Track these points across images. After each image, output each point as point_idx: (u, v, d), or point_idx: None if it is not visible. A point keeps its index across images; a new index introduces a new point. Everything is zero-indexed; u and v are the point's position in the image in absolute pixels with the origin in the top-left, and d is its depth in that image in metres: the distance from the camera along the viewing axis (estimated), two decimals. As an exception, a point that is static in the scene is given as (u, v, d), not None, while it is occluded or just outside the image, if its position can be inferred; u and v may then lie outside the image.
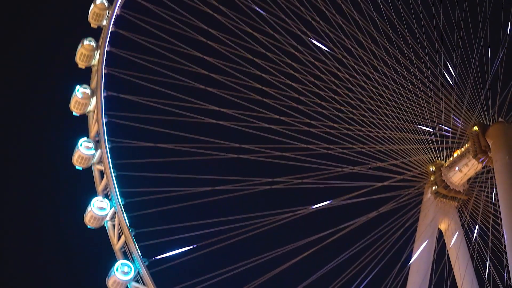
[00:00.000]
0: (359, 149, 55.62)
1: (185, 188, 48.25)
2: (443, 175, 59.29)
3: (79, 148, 49.47)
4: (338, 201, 52.12)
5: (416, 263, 56.90)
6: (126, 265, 46.01)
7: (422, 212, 58.78)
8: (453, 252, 59.28)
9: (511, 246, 50.32)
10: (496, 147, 56.11)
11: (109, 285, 46.48)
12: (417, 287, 56.47)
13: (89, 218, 48.01)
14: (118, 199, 47.91)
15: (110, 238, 47.82)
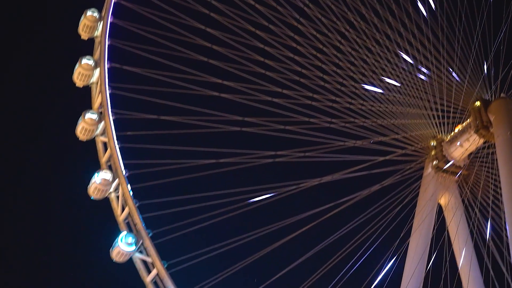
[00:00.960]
0: (361, 123, 57.09)
1: (189, 161, 49.83)
2: (444, 150, 60.70)
3: (82, 120, 50.88)
4: (340, 174, 53.84)
5: (415, 239, 58.25)
6: (130, 236, 47.64)
7: (422, 186, 60.25)
8: (453, 228, 60.47)
9: (511, 217, 51.64)
10: (498, 122, 57.26)
11: (113, 256, 48.08)
12: (416, 263, 57.62)
13: (93, 189, 49.36)
14: (122, 171, 49.42)
15: (114, 209, 49.27)
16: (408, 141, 59.54)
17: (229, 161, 50.20)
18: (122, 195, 48.92)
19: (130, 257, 47.96)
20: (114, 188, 49.49)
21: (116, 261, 48.09)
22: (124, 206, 48.90)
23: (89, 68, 51.94)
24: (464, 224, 61.00)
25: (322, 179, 52.81)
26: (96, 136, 51.06)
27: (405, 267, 57.98)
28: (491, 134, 58.42)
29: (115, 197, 49.48)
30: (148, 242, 47.73)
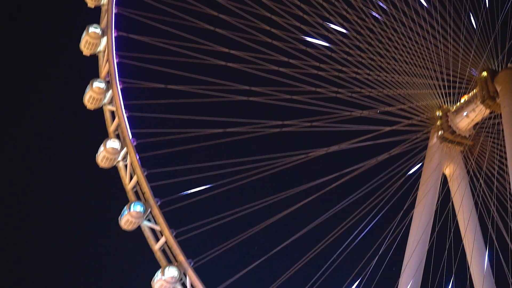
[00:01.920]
0: (367, 93, 58.54)
1: (197, 130, 51.31)
2: (450, 120, 62.29)
3: (90, 89, 52.16)
4: (347, 144, 55.54)
5: (420, 210, 60.12)
6: (139, 205, 49.30)
7: (427, 157, 61.95)
8: (457, 199, 62.28)
9: None
10: (505, 93, 58.67)
11: (121, 224, 49.84)
12: (420, 234, 59.37)
13: (102, 158, 50.90)
14: (130, 140, 50.85)
15: (122, 178, 50.79)
16: (414, 112, 61.03)
17: (236, 130, 51.88)
18: (130, 164, 50.46)
19: (139, 225, 49.91)
20: (122, 157, 51.02)
21: (125, 229, 49.84)
22: (132, 175, 50.44)
23: (96, 36, 53.08)
24: (469, 195, 62.74)
25: (329, 148, 54.60)
26: (104, 105, 52.42)
27: (409, 239, 59.71)
28: (497, 104, 59.89)
29: (123, 166, 51.01)
30: (157, 210, 49.37)
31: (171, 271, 48.44)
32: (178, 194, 49.74)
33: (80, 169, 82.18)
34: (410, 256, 58.89)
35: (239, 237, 50.09)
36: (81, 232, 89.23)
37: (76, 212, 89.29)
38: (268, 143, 55.24)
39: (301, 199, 52.50)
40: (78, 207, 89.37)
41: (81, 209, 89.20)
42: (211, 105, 53.19)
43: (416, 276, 58.14)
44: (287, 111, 55.03)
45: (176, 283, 48.73)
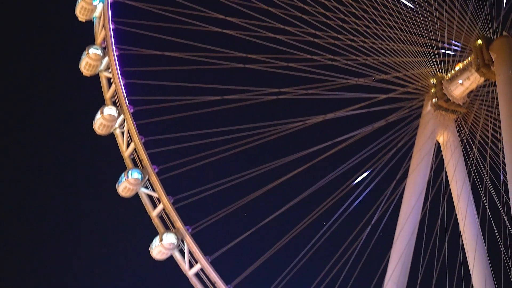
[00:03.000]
0: (363, 60, 60.20)
1: (194, 97, 53.05)
2: (444, 88, 64.05)
3: (86, 55, 53.70)
4: (343, 112, 57.59)
5: (413, 178, 62.41)
6: (136, 172, 51.33)
7: (421, 125, 63.95)
8: (451, 167, 64.55)
9: (511, 156, 55.01)
10: (500, 61, 60.29)
11: (119, 191, 51.97)
12: (414, 202, 61.82)
13: (99, 125, 52.70)
14: (127, 107, 52.68)
15: (119, 145, 52.67)
16: (409, 80, 62.75)
17: (233, 98, 53.64)
18: (128, 131, 52.34)
19: (136, 192, 51.98)
20: (119, 124, 52.85)
21: (122, 196, 52.01)
22: (129, 142, 52.32)
23: (91, 1, 54.59)
24: (462, 163, 64.92)
25: (326, 116, 56.60)
26: (100, 72, 54.13)
27: (402, 207, 62.09)
28: (492, 72, 61.50)
29: (120, 133, 52.85)
30: (154, 177, 51.48)
31: (169, 238, 50.68)
32: (175, 161, 51.56)
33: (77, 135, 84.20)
34: (403, 224, 61.02)
35: (236, 204, 52.19)
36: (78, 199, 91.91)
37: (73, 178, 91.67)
38: (264, 110, 57.30)
39: (297, 166, 54.53)
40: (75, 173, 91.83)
41: (77, 175, 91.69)
42: (207, 73, 54.91)
43: (408, 244, 60.39)
44: (284, 79, 56.82)
45: (174, 249, 51.07)
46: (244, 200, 52.35)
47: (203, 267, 50.64)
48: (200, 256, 50.66)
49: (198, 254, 50.70)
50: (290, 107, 59.97)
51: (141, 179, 51.42)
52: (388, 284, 58.36)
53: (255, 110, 56.27)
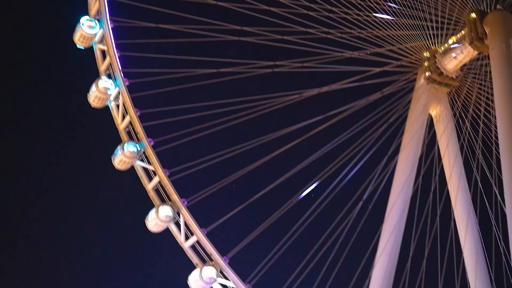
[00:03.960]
0: (357, 34, 62.03)
1: (189, 70, 54.67)
2: (437, 62, 66.06)
3: (81, 27, 55.12)
4: (338, 85, 59.72)
5: (406, 153, 64.41)
6: (132, 145, 53.22)
7: (414, 98, 65.84)
8: (443, 142, 66.66)
9: (503, 131, 57.04)
10: (494, 34, 62.04)
11: (115, 164, 53.85)
12: (406, 177, 63.81)
13: (94, 98, 54.37)
14: (122, 79, 54.27)
15: (114, 118, 54.40)
16: (403, 53, 64.72)
17: (229, 70, 55.46)
18: (123, 104, 54.09)
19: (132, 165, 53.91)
20: (114, 97, 54.66)
21: (118, 169, 53.90)
22: (124, 115, 54.09)
23: None
24: (455, 137, 66.99)
25: (321, 89, 58.73)
26: (95, 44, 55.57)
27: (394, 182, 64.14)
28: (486, 46, 63.27)
29: (115, 106, 54.68)
30: (150, 150, 53.44)
31: (165, 210, 52.86)
32: (171, 134, 53.35)
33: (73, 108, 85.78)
34: (395, 199, 63.21)
35: (231, 177, 54.22)
36: (71, 173, 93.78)
37: (67, 152, 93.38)
38: (260, 84, 59.10)
39: (293, 139, 56.57)
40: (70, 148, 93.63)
41: (73, 149, 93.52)
42: (203, 45, 56.41)
43: (400, 220, 62.60)
44: (279, 52, 58.57)
45: (170, 222, 53.27)
46: (240, 173, 54.37)
47: (199, 239, 52.74)
48: (196, 229, 52.75)
49: (194, 227, 52.80)
50: (285, 80, 61.88)
51: (137, 152, 53.38)
52: (380, 257, 60.64)
53: (251, 83, 58.14)
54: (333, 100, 61.88)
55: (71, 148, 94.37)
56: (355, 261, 57.98)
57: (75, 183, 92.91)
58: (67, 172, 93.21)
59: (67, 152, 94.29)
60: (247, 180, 56.15)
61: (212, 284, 52.45)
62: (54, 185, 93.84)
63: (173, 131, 53.64)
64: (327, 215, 58.15)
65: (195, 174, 53.47)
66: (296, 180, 57.87)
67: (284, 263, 54.86)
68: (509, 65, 60.00)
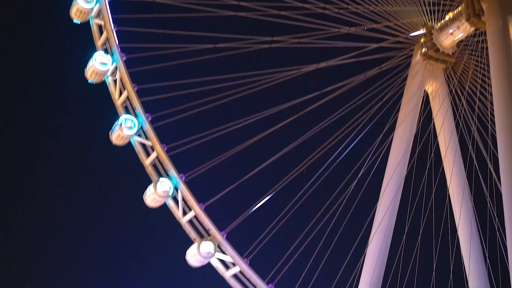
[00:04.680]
0: (354, 9, 63.07)
1: (187, 45, 55.97)
2: (434, 38, 67.51)
3: (77, 1, 56.05)
4: (335, 61, 61.13)
5: (401, 131, 66.05)
6: (130, 120, 54.57)
7: (410, 75, 67.50)
8: (439, 119, 68.12)
9: (500, 108, 58.34)
10: (491, 11, 63.00)
11: (112, 139, 55.23)
12: (402, 153, 65.45)
13: (91, 72, 55.54)
14: (119, 54, 55.45)
15: (111, 93, 55.64)
16: (400, 29, 66.12)
17: (227, 46, 56.66)
18: (120, 79, 55.38)
19: (130, 141, 55.27)
20: (111, 72, 55.84)
21: (116, 144, 55.30)
22: (122, 90, 55.37)
23: None
24: (450, 114, 68.61)
25: (319, 65, 60.22)
26: (91, 19, 56.74)
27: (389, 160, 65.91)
28: (482, 22, 64.35)
29: (112, 81, 55.86)
30: (148, 125, 54.85)
31: (163, 185, 54.36)
32: (169, 110, 54.71)
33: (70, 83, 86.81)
34: (390, 177, 64.87)
35: (229, 152, 55.79)
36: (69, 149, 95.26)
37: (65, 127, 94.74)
38: (257, 60, 60.55)
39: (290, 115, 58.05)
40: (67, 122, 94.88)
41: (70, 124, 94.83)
42: (200, 20, 57.64)
43: (395, 197, 64.26)
44: (276, 28, 59.78)
45: (168, 197, 54.95)
46: (238, 148, 55.92)
47: (196, 215, 54.36)
48: (194, 204, 54.36)
49: (192, 202, 54.40)
50: (283, 56, 63.25)
51: (135, 127, 54.80)
52: (375, 234, 62.34)
53: (248, 59, 59.52)
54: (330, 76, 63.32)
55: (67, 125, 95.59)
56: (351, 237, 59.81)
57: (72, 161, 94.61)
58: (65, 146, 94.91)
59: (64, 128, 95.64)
60: (244, 156, 57.72)
61: (210, 258, 54.09)
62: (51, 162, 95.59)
63: (170, 107, 55.01)
64: (323, 191, 59.75)
65: (193, 150, 55.03)
66: (293, 156, 59.49)
67: (281, 238, 56.56)
68: (505, 41, 61.09)
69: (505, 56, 60.28)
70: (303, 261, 56.12)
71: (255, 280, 54.24)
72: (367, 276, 61.28)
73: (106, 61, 55.50)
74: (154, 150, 55.09)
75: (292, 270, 54.98)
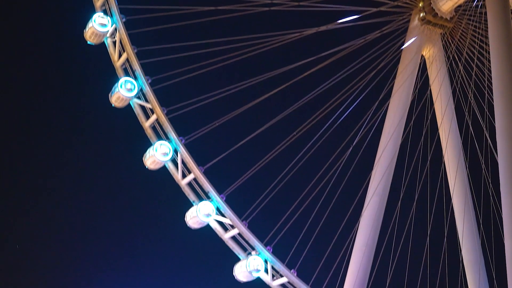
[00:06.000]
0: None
1: (187, 7, 57.62)
2: (432, 3, 69.53)
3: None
4: (334, 24, 63.56)
5: (397, 98, 68.22)
6: (130, 82, 56.70)
7: (408, 39, 69.38)
8: (436, 86, 70.54)
9: (497, 74, 59.85)
10: None
11: (112, 101, 57.38)
12: (398, 119, 67.79)
13: (90, 34, 57.39)
14: (119, 16, 57.26)
15: (111, 55, 57.58)
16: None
17: (227, 8, 58.28)
18: (120, 41, 57.32)
19: (129, 103, 57.52)
20: (110, 34, 57.69)
21: (115, 106, 57.48)
22: (121, 52, 57.32)
23: None
24: (447, 81, 70.85)
25: (319, 28, 62.44)
26: (90, -20, 58.42)
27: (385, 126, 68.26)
28: None
29: (112, 43, 57.85)
30: (148, 88, 57.03)
31: (163, 148, 56.90)
32: (169, 72, 56.76)
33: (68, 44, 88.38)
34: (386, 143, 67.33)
35: (229, 115, 58.05)
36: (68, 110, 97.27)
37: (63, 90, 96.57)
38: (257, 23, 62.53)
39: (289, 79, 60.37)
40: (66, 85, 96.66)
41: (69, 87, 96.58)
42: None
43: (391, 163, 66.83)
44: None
45: (168, 159, 57.54)
46: (237, 111, 58.14)
47: (196, 177, 56.95)
48: (194, 166, 56.88)
49: (192, 164, 56.91)
50: (283, 20, 65.10)
51: (134, 89, 57.03)
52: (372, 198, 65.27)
53: (248, 22, 61.44)
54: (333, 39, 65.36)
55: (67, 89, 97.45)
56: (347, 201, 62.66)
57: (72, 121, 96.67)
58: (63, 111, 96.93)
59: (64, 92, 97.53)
60: (244, 119, 60.02)
61: (209, 220, 56.86)
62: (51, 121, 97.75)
63: (170, 69, 56.88)
64: (321, 156, 62.45)
65: (193, 113, 57.25)
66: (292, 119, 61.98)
67: (279, 201, 59.10)
68: (505, 6, 62.41)
69: (504, 22, 61.67)
70: (300, 224, 58.77)
71: (253, 242, 56.96)
72: (362, 238, 64.16)
73: (105, 22, 57.32)
74: (154, 113, 57.27)
75: (290, 232, 57.64)
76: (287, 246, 57.94)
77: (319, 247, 59.32)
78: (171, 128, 57.21)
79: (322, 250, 59.11)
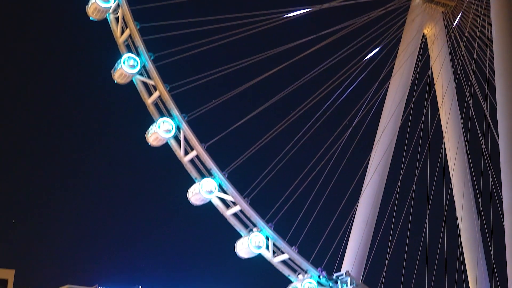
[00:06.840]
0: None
1: (190, -16, 59.46)
2: None
3: None
4: (336, 3, 64.75)
5: (398, 77, 69.84)
6: (133, 59, 57.68)
7: (409, 18, 71.21)
8: (437, 65, 71.78)
9: (499, 53, 61.33)
10: None
11: (115, 78, 58.31)
12: (399, 98, 69.55)
13: (93, 9, 58.01)
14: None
15: (113, 31, 58.45)
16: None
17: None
18: (122, 17, 58.16)
19: (132, 79, 58.56)
20: (113, 9, 58.45)
21: (118, 82, 58.49)
22: (124, 28, 58.31)
23: None
24: (448, 60, 72.44)
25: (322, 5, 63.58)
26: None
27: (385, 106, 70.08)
28: None
29: (114, 19, 58.71)
30: (150, 64, 58.01)
31: (165, 125, 58.25)
32: (171, 49, 57.73)
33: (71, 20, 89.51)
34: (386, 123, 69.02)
35: (231, 93, 59.31)
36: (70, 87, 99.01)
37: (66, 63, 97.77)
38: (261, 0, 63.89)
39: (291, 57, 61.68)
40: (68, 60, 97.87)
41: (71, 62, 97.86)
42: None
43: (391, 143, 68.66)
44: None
45: (170, 136, 58.90)
46: (240, 88, 59.58)
47: (198, 154, 58.20)
48: (196, 143, 58.10)
49: (194, 141, 58.13)
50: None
51: (137, 65, 58.03)
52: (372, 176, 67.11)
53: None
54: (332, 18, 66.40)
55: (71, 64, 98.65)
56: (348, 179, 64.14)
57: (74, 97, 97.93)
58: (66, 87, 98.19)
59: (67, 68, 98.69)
60: (246, 97, 61.51)
61: (211, 197, 58.42)
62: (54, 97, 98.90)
63: (173, 46, 57.81)
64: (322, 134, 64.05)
65: (196, 90, 58.34)
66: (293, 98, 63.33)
67: (281, 179, 60.54)
68: None
69: (507, 1, 62.76)
70: (302, 201, 60.16)
71: (255, 219, 58.39)
72: (362, 216, 66.17)
73: None
74: (157, 89, 58.40)
75: (291, 210, 58.99)
76: (288, 223, 59.26)
77: (320, 225, 60.77)
78: (174, 105, 58.38)
79: (323, 227, 60.48)
